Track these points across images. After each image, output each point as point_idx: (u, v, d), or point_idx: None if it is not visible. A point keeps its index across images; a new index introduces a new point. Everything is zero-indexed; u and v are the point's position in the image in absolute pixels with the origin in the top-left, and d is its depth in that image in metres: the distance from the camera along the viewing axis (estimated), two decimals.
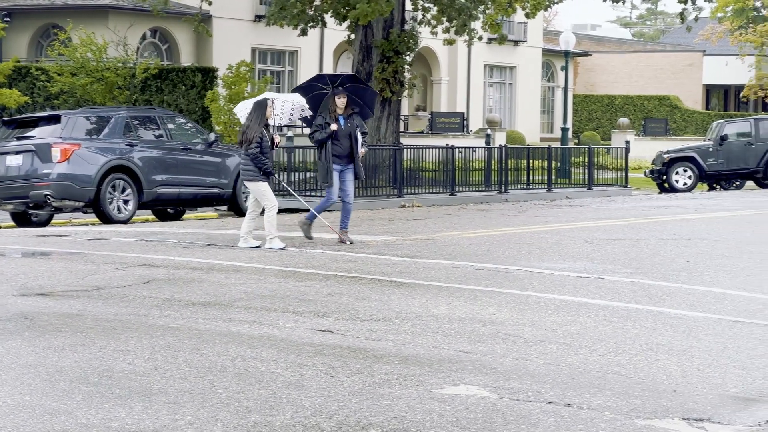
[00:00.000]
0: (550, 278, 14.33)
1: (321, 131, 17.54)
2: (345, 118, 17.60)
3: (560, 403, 7.98)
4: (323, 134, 17.49)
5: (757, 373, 9.22)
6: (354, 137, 17.56)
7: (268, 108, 17.12)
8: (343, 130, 17.53)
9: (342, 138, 17.52)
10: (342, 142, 17.54)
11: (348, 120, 17.61)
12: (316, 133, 17.61)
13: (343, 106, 17.54)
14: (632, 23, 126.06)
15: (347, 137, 17.53)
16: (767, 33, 63.25)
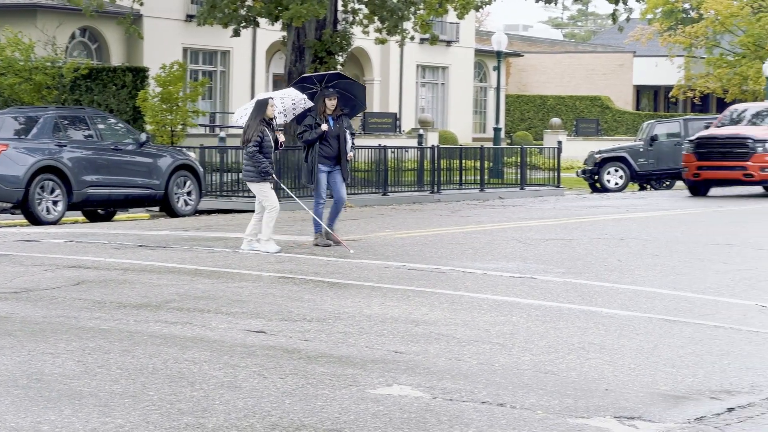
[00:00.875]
0: (483, 278, 14.37)
1: (311, 131, 17.22)
2: (334, 119, 17.31)
3: (493, 403, 8.00)
4: (313, 135, 17.18)
5: (686, 371, 9.30)
6: (343, 138, 17.30)
7: (269, 107, 16.71)
8: (333, 131, 17.25)
9: (331, 139, 17.24)
10: (331, 144, 17.27)
11: (337, 121, 17.32)
12: (305, 133, 17.28)
13: (333, 107, 17.25)
14: (564, 24, 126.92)
15: (336, 138, 17.26)
16: (695, 34, 63.94)
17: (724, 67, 63.93)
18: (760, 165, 30.99)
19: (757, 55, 61.95)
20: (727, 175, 31.39)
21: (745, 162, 30.99)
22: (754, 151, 30.95)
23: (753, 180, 31.33)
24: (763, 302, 13.07)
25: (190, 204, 25.97)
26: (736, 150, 31.18)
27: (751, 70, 61.57)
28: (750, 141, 31.15)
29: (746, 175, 31.13)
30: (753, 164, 30.94)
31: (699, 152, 31.66)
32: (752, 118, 33.72)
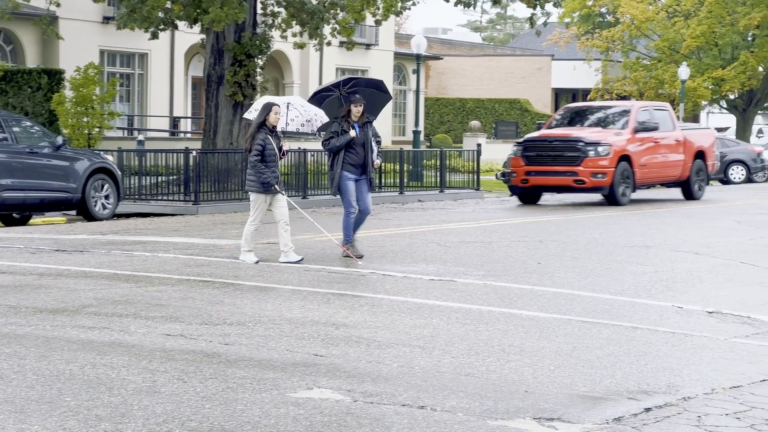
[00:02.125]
0: (403, 281, 14.39)
1: (337, 138, 16.44)
2: (360, 125, 16.56)
3: (414, 406, 8.00)
4: (341, 141, 16.39)
5: (604, 372, 9.38)
6: (369, 146, 16.57)
7: (273, 113, 15.85)
8: (359, 138, 16.51)
9: (357, 146, 16.49)
10: (357, 151, 16.51)
11: (363, 128, 16.58)
12: (332, 139, 16.49)
13: (359, 113, 16.49)
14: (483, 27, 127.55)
15: (362, 146, 16.52)
16: (612, 38, 64.60)
17: (641, 71, 64.64)
18: (591, 170, 28.27)
19: (673, 59, 62.72)
20: (557, 181, 28.50)
21: (576, 167, 28.28)
22: (586, 154, 28.23)
23: (585, 186, 28.55)
24: (679, 303, 13.23)
25: (108, 208, 25.70)
26: (567, 154, 28.36)
27: (666, 74, 62.32)
28: (581, 144, 28.40)
29: (577, 181, 28.38)
30: (584, 169, 28.24)
31: (527, 156, 29.02)
32: (586, 118, 31.27)
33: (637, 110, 30.28)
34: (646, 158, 29.63)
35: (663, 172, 30.83)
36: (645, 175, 29.76)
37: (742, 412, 8.24)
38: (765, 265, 16.88)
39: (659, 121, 30.56)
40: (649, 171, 29.87)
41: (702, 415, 8.10)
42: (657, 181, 31.30)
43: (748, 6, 60.59)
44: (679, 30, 62.56)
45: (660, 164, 30.50)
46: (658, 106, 32.22)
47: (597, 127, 29.88)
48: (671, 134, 31.05)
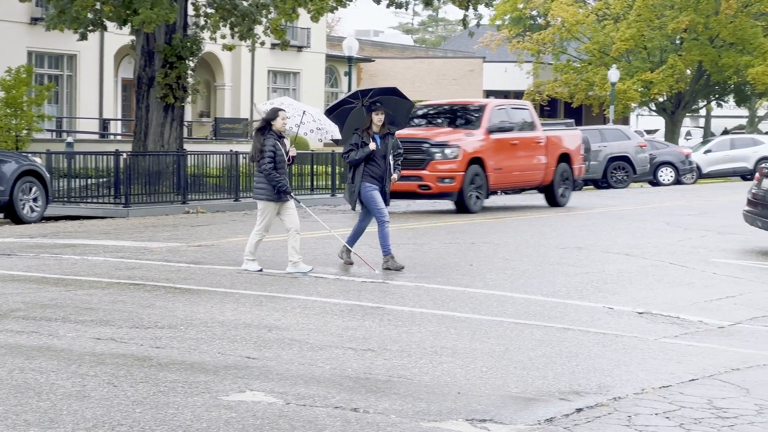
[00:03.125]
0: (336, 283, 14.37)
1: (357, 151, 15.81)
2: (381, 137, 15.92)
3: (347, 408, 7.99)
4: (361, 154, 15.76)
5: (536, 373, 9.42)
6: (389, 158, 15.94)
7: (279, 119, 15.34)
8: (380, 150, 15.87)
9: (378, 158, 15.85)
10: (378, 163, 15.86)
11: (384, 139, 15.93)
12: (351, 152, 15.85)
13: (381, 123, 15.86)
14: (414, 30, 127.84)
15: (383, 158, 15.87)
16: (543, 41, 65.01)
17: (571, 73, 65.10)
18: (438, 174, 25.71)
19: (602, 62, 63.22)
20: (401, 187, 24.66)
21: (421, 171, 25.67)
22: (432, 157, 25.69)
23: (431, 192, 26.01)
24: (610, 304, 13.33)
25: (37, 210, 25.41)
26: (411, 156, 25.14)
27: (596, 77, 62.81)
28: (426, 145, 25.86)
29: (422, 187, 25.79)
30: (430, 173, 25.68)
31: None
32: (439, 118, 28.45)
33: (492, 109, 27.70)
34: (501, 161, 27.11)
35: (522, 176, 28.30)
36: (500, 180, 27.39)
37: (672, 412, 8.32)
38: (693, 265, 17.07)
39: (518, 120, 28.43)
40: (505, 175, 27.39)
41: (632, 415, 8.17)
42: (515, 186, 29.29)
43: (676, 10, 61.24)
44: (608, 33, 63.09)
45: (518, 168, 27.86)
46: (517, 105, 30.10)
47: (448, 128, 27.36)
48: (532, 135, 28.63)
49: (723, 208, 28.15)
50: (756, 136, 55.93)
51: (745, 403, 8.76)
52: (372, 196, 15.83)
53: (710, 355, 10.73)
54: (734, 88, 67.67)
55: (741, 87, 66.70)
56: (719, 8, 59.49)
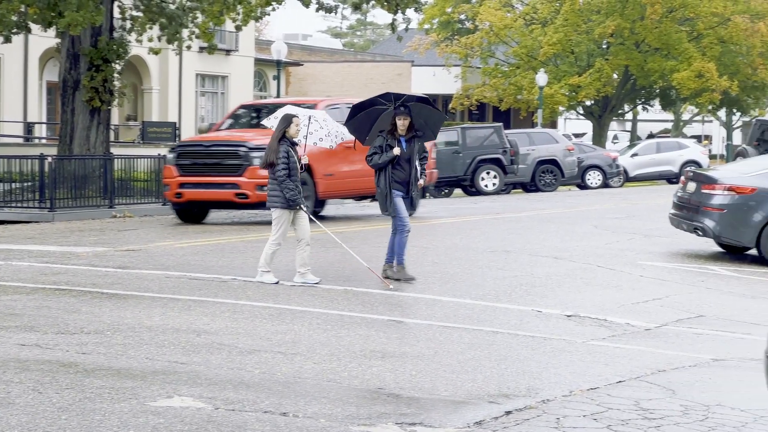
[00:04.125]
0: (265, 287, 14.31)
1: (382, 154, 15.28)
2: (406, 140, 15.35)
3: (276, 412, 7.95)
4: (384, 158, 15.24)
5: (465, 376, 9.44)
6: (414, 162, 15.41)
7: (293, 125, 14.92)
8: (405, 153, 15.32)
9: (403, 162, 15.31)
10: (403, 167, 15.31)
11: (409, 143, 15.37)
12: (375, 156, 15.34)
13: (405, 127, 15.30)
14: (343, 33, 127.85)
15: (408, 162, 15.35)
16: (471, 45, 65.25)
17: (500, 77, 65.40)
18: (257, 182, 22.62)
19: (531, 66, 63.59)
20: (216, 195, 23.23)
21: (237, 177, 23.13)
22: (250, 162, 22.93)
23: (249, 201, 23.23)
24: (538, 307, 13.40)
25: None
26: (227, 162, 23.25)
27: (525, 80, 63.15)
28: (243, 149, 23.19)
29: (240, 195, 23.13)
30: (248, 180, 22.98)
31: (181, 165, 23.81)
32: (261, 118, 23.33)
33: (324, 108, 24.03)
34: (334, 166, 24.37)
35: (361, 182, 24.71)
36: (333, 187, 24.76)
37: (599, 413, 8.37)
38: (621, 268, 17.21)
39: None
40: (339, 182, 24.71)
41: (561, 417, 8.21)
42: (353, 193, 26.40)
43: (603, 15, 61.75)
44: (536, 37, 63.47)
45: (356, 173, 24.62)
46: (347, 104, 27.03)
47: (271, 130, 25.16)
48: None
49: (650, 211, 28.42)
50: (681, 140, 56.61)
51: (671, 404, 8.84)
52: (397, 204, 15.38)
53: (637, 356, 10.83)
54: (660, 92, 68.37)
55: (666, 91, 67.40)
56: (645, 14, 60.07)
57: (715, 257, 19.62)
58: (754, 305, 14.75)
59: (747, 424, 8.32)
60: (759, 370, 7.60)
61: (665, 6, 60.10)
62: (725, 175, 19.72)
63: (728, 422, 8.35)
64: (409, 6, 34.01)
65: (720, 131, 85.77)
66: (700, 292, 15.59)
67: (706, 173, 20.53)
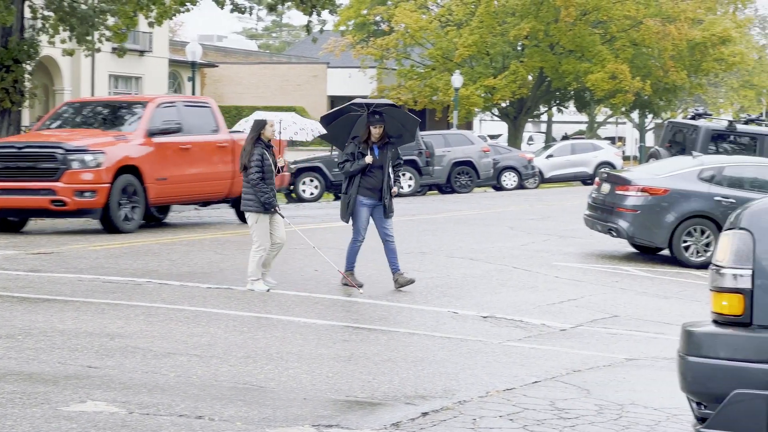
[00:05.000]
0: (180, 290, 14.19)
1: (353, 162, 15.03)
2: (379, 147, 15.14)
3: (191, 416, 7.89)
4: (356, 167, 14.98)
5: (382, 378, 9.44)
6: (387, 169, 15.15)
7: (269, 126, 14.68)
8: (377, 160, 15.09)
9: (375, 169, 15.07)
10: (375, 174, 15.09)
11: (383, 149, 15.15)
12: (347, 163, 15.09)
13: (379, 135, 15.08)
14: (258, 35, 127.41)
15: (380, 168, 15.11)
16: (386, 46, 65.37)
17: (415, 79, 65.57)
18: (76, 187, 20.87)
19: (446, 68, 63.84)
20: (30, 203, 21.04)
21: (53, 183, 20.89)
22: (68, 166, 20.88)
23: (67, 209, 21.06)
24: (454, 308, 13.44)
25: None
26: (42, 165, 21.01)
27: (440, 82, 63.39)
28: (61, 151, 21.03)
29: (56, 202, 20.90)
30: (65, 186, 20.82)
31: None
32: (91, 118, 23.74)
33: (156, 107, 22.94)
34: (168, 170, 22.48)
35: (200, 187, 23.46)
36: (167, 192, 22.61)
37: (515, 414, 8.41)
38: (536, 269, 17.32)
39: (194, 121, 23.68)
40: (174, 186, 22.69)
41: (477, 418, 8.23)
42: (191, 199, 24.40)
43: (518, 17, 62.19)
44: (451, 39, 63.74)
45: (193, 177, 23.12)
46: (194, 102, 25.33)
47: (95, 130, 22.73)
48: (212, 139, 23.84)
49: (565, 213, 28.66)
50: (596, 142, 57.19)
51: (586, 403, 8.91)
52: (358, 212, 15.20)
53: (552, 357, 10.90)
54: (574, 94, 69.01)
55: (581, 93, 68.05)
56: (559, 16, 60.60)
57: (629, 258, 19.83)
58: (666, 305, 14.94)
59: (660, 423, 8.42)
60: (672, 369, 7.66)
61: (579, 9, 60.68)
62: (639, 176, 19.95)
63: (642, 421, 8.44)
64: (324, 7, 33.94)
65: (633, 133, 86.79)
66: (614, 292, 15.75)
67: (619, 175, 20.75)
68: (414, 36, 64.49)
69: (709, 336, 6.28)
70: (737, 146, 25.88)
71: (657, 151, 27.51)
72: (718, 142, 25.69)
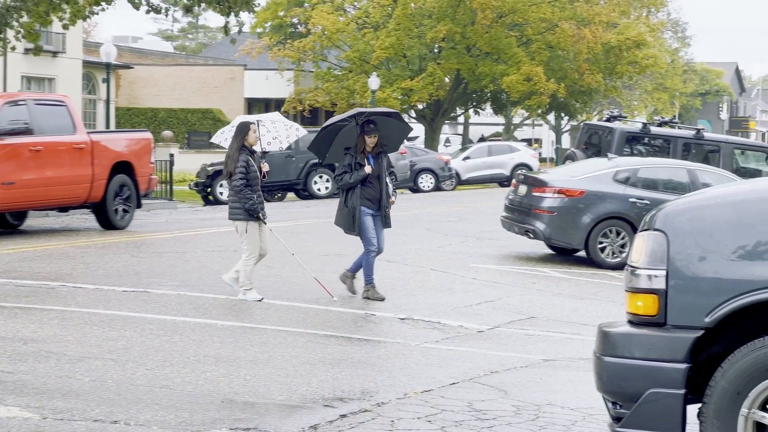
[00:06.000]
0: (95, 293, 14.04)
1: (353, 173, 14.76)
2: (374, 156, 14.90)
3: (107, 421, 7.80)
4: (356, 177, 14.71)
5: (300, 380, 9.41)
6: (384, 179, 14.93)
7: (251, 132, 14.32)
8: (374, 170, 14.85)
9: (373, 179, 14.84)
10: (374, 184, 14.85)
11: (377, 159, 14.92)
12: (345, 175, 14.82)
13: (374, 144, 14.83)
14: (174, 36, 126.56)
15: (378, 178, 14.88)
16: (303, 49, 65.28)
17: (332, 81, 65.54)
18: None
19: (363, 70, 63.88)
20: None
21: None
22: None
23: None
24: (372, 311, 13.45)
25: None
26: None
27: (357, 84, 63.41)
28: None
29: None
30: None
31: None
32: None
33: (2, 106, 21.28)
34: (15, 173, 20.91)
35: (53, 192, 21.82)
36: (15, 198, 21.07)
37: (434, 415, 8.42)
38: (454, 271, 17.38)
39: (46, 121, 22.07)
40: (24, 191, 21.16)
41: (395, 420, 8.24)
42: (42, 205, 22.54)
43: (434, 19, 62.40)
44: (368, 41, 63.81)
45: (46, 181, 21.53)
46: (47, 100, 23.50)
47: None
48: (68, 139, 22.25)
49: (482, 214, 28.81)
50: (512, 144, 57.54)
51: (504, 404, 8.95)
52: (364, 223, 14.85)
53: (470, 358, 10.94)
54: (491, 96, 69.38)
55: (497, 95, 68.44)
56: (475, 18, 60.90)
57: (546, 259, 19.98)
58: (583, 306, 15.06)
59: (576, 423, 8.48)
60: (588, 369, 7.72)
61: (495, 11, 61.05)
62: (555, 178, 20.10)
63: (558, 421, 8.50)
64: (242, 8, 33.81)
65: (549, 135, 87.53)
66: (531, 293, 15.85)
67: (536, 176, 20.89)
68: (331, 38, 64.48)
69: (625, 336, 6.34)
70: (651, 148, 26.19)
71: (573, 152, 27.76)
72: (632, 144, 25.97)
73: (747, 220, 6.19)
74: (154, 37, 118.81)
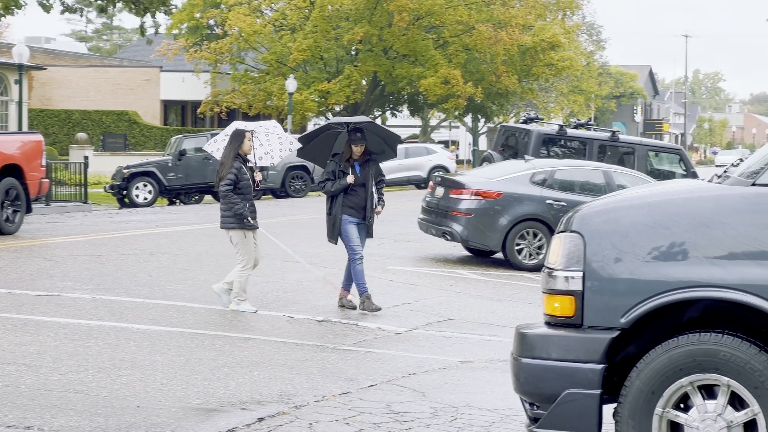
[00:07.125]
0: (7, 297, 13.84)
1: (334, 182, 14.47)
2: (361, 164, 14.60)
3: (19, 426, 7.69)
4: (338, 186, 14.42)
5: (218, 384, 9.35)
6: (370, 187, 14.59)
7: (246, 140, 14.02)
8: (359, 178, 14.54)
9: (358, 187, 14.51)
10: (358, 192, 14.52)
11: (364, 166, 14.61)
12: (328, 182, 14.53)
13: (360, 152, 14.50)
14: (88, 38, 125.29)
15: (363, 186, 14.54)
16: (220, 50, 64.98)
17: (249, 84, 65.29)
18: None
19: (280, 72, 63.71)
20: None
21: None
22: None
23: None
24: (290, 313, 13.40)
25: None
26: None
27: (274, 86, 63.24)
28: None
29: None
30: None
31: None
32: None
33: None
34: None
35: None
36: None
37: (352, 417, 8.42)
38: (371, 273, 17.35)
39: None
40: None
41: (313, 422, 8.22)
42: None
43: (351, 22, 62.43)
44: (286, 43, 63.67)
45: None
46: None
47: None
48: None
49: (399, 216, 28.84)
50: (429, 146, 57.69)
51: (422, 406, 8.96)
52: (347, 231, 14.51)
53: (388, 360, 10.95)
54: (408, 98, 69.57)
55: (414, 97, 68.64)
56: (392, 21, 61.03)
57: (464, 261, 20.06)
58: (500, 308, 15.14)
59: (494, 424, 8.51)
60: (505, 371, 7.76)
61: (412, 14, 61.22)
62: (472, 180, 20.19)
63: (476, 422, 8.53)
64: (158, 9, 33.60)
65: (467, 137, 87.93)
66: (449, 295, 15.90)
67: (453, 178, 20.95)
68: (248, 40, 64.26)
69: (542, 337, 6.37)
70: (568, 150, 26.40)
71: (490, 154, 27.89)
72: (549, 146, 26.15)
73: (662, 222, 6.24)
74: (67, 38, 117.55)
